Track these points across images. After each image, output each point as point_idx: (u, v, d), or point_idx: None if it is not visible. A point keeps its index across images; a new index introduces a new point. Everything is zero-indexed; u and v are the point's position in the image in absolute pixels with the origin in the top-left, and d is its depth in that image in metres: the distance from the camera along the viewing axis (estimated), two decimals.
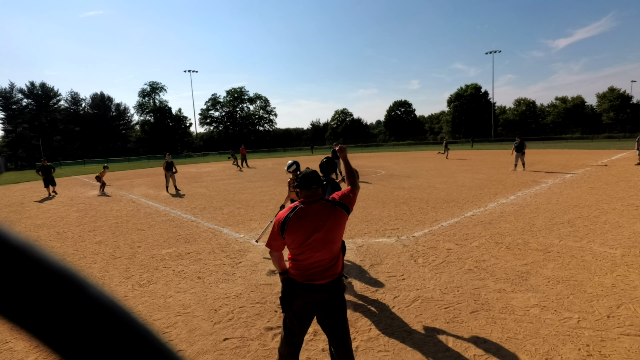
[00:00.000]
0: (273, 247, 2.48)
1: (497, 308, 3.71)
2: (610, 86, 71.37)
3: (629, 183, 11.13)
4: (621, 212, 7.42)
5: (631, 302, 3.70)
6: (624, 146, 29.83)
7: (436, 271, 4.77)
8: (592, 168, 15.69)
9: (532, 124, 71.54)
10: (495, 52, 68.06)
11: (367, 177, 16.04)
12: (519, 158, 15.82)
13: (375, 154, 40.71)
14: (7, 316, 0.23)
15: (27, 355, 3.28)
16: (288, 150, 66.03)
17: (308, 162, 28.74)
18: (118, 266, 5.59)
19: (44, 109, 62.72)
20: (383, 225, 7.28)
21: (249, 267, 5.28)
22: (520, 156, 15.76)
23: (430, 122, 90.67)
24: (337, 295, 2.39)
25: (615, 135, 55.41)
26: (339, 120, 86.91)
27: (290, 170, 5.43)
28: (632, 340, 3.04)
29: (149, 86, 74.04)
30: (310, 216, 2.37)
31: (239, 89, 79.86)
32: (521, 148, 15.57)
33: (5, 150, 60.74)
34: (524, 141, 15.69)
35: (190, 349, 3.25)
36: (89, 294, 0.26)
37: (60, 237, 7.58)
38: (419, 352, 3.05)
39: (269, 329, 3.54)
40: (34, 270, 0.24)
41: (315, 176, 2.48)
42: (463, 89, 75.32)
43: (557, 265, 4.77)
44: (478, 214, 7.87)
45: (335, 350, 2.46)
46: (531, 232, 6.29)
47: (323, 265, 2.35)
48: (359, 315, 3.73)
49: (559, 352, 2.94)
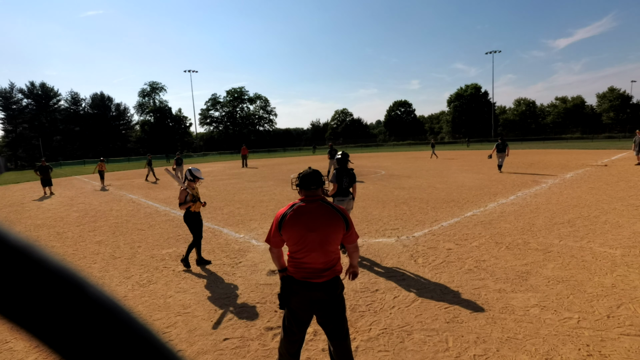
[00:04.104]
0: (272, 243, 2.50)
1: (497, 308, 3.71)
2: (610, 86, 71.50)
3: (629, 183, 11.13)
4: (621, 212, 7.42)
5: (631, 302, 3.70)
6: (624, 146, 29.83)
7: (436, 271, 4.77)
8: (592, 168, 15.69)
9: (532, 124, 71.56)
10: (495, 52, 68.00)
11: (367, 177, 16.04)
12: (501, 158, 15.56)
13: (375, 154, 40.71)
14: (7, 316, 0.23)
15: (27, 355, 3.28)
16: (288, 150, 66.03)
17: (308, 162, 28.74)
18: (118, 266, 5.59)
19: (44, 109, 62.72)
20: (383, 225, 7.28)
21: (249, 267, 5.28)
22: (502, 156, 15.53)
23: (430, 122, 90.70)
24: (334, 294, 2.39)
25: (615, 135, 55.40)
26: (339, 120, 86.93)
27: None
28: (632, 340, 3.04)
29: (149, 86, 74.09)
30: (306, 215, 2.38)
31: (239, 89, 79.87)
32: (504, 148, 15.41)
33: (5, 150, 60.74)
34: (505, 142, 15.61)
35: (190, 349, 3.25)
36: (89, 294, 0.26)
37: (60, 237, 7.58)
38: (419, 352, 3.05)
39: (269, 329, 3.54)
40: (34, 270, 0.24)
41: (315, 177, 2.49)
42: (463, 89, 75.32)
43: (557, 265, 4.77)
44: (478, 214, 7.87)
45: (334, 349, 2.46)
46: (531, 232, 6.29)
47: (319, 265, 2.36)
48: (359, 315, 3.73)
49: (559, 352, 2.94)
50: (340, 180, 5.47)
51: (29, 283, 0.24)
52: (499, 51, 68.73)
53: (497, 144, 15.65)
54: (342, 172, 5.52)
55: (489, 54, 68.69)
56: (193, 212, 5.30)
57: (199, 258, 5.45)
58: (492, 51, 67.60)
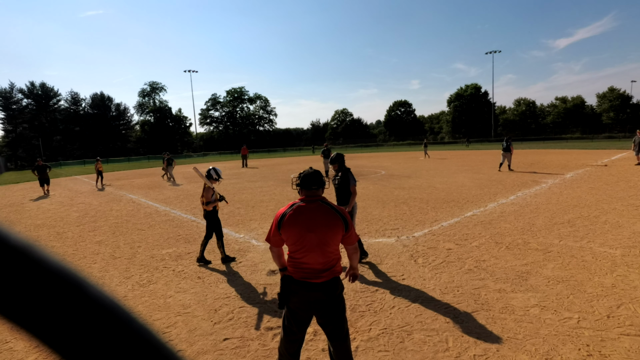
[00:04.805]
0: (272, 242, 2.51)
1: (497, 308, 3.71)
2: (610, 86, 71.46)
3: (629, 183, 11.13)
4: (621, 212, 7.42)
5: (631, 302, 3.70)
6: (624, 146, 29.82)
7: (436, 271, 4.77)
8: (592, 168, 15.69)
9: (532, 124, 71.55)
10: (495, 52, 68.08)
11: (367, 177, 16.04)
12: (504, 158, 15.94)
13: (375, 154, 40.71)
14: (7, 316, 0.23)
15: (27, 355, 3.28)
16: (288, 150, 66.01)
17: (309, 162, 28.74)
18: (118, 266, 5.59)
19: (44, 109, 62.71)
20: (383, 225, 7.28)
21: (249, 267, 5.28)
22: (505, 156, 15.87)
23: (430, 122, 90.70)
24: (333, 295, 2.39)
25: (615, 135, 55.37)
26: (339, 120, 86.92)
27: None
28: (632, 340, 3.04)
29: (149, 86, 74.11)
30: (305, 215, 2.38)
31: (239, 89, 79.86)
32: (507, 148, 15.70)
33: (5, 150, 60.73)
34: (508, 141, 15.83)
35: (190, 349, 3.25)
36: (89, 294, 0.26)
37: (60, 237, 7.58)
38: (419, 352, 3.05)
39: (269, 329, 3.54)
40: (34, 270, 0.24)
41: (316, 177, 2.49)
42: (463, 89, 75.31)
43: (557, 265, 4.77)
44: (478, 214, 7.87)
45: (334, 349, 2.46)
46: (531, 232, 6.29)
47: (317, 265, 2.36)
48: (359, 315, 3.73)
49: (559, 352, 2.94)
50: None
51: (29, 283, 0.24)
52: (499, 51, 68.84)
53: (502, 144, 16.05)
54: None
55: (489, 54, 68.82)
56: (214, 210, 5.48)
57: (225, 256, 5.54)
58: (492, 51, 67.73)
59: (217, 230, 5.49)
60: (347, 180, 5.07)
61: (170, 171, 17.84)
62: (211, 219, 5.46)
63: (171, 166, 17.88)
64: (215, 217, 5.49)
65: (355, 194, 5.06)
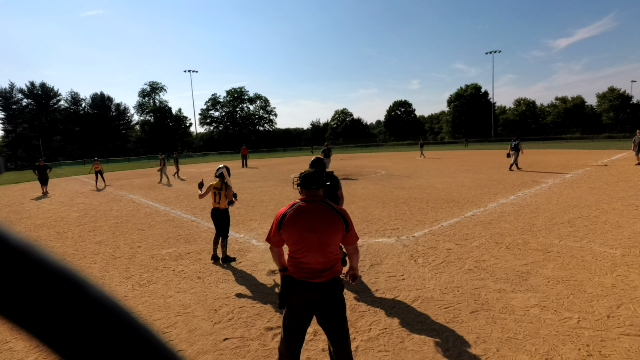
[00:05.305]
0: (272, 242, 2.51)
1: (497, 308, 3.71)
2: (610, 86, 71.47)
3: (629, 183, 11.13)
4: (621, 212, 7.42)
5: (631, 302, 3.70)
6: (624, 146, 29.82)
7: (436, 271, 4.77)
8: (592, 168, 15.69)
9: (532, 124, 71.51)
10: (495, 52, 68.04)
11: (367, 177, 16.04)
12: (512, 156, 16.12)
13: (375, 154, 40.71)
14: (7, 316, 0.23)
15: (27, 355, 3.28)
16: (288, 150, 66.00)
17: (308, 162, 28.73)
18: (118, 266, 5.59)
19: (44, 109, 62.73)
20: (383, 225, 7.28)
21: (249, 267, 5.28)
22: (513, 155, 16.04)
23: (430, 122, 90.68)
24: (334, 294, 2.39)
25: (615, 135, 55.38)
26: (339, 120, 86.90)
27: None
28: (632, 340, 3.04)
29: (149, 86, 74.11)
30: (306, 215, 2.38)
31: (239, 89, 79.86)
32: (515, 147, 15.87)
33: (5, 150, 60.74)
34: (516, 141, 15.97)
35: (190, 349, 3.25)
36: (89, 294, 0.26)
37: (60, 237, 7.58)
38: (419, 352, 3.05)
39: (269, 329, 3.54)
40: (34, 270, 0.24)
41: (316, 177, 2.48)
42: (463, 89, 75.28)
43: (557, 265, 4.77)
44: (478, 214, 7.87)
45: (334, 349, 2.46)
46: (531, 232, 6.29)
47: (317, 265, 2.36)
48: (359, 315, 3.73)
49: (559, 352, 2.94)
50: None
51: (29, 283, 0.24)
52: (499, 51, 68.80)
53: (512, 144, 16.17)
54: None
55: (489, 54, 68.74)
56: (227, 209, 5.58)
57: (225, 256, 5.56)
58: (492, 51, 67.67)
59: (228, 228, 5.60)
60: (335, 185, 4.82)
61: (165, 171, 17.86)
62: (228, 216, 5.58)
63: (165, 167, 17.91)
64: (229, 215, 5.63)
65: (342, 198, 4.85)
